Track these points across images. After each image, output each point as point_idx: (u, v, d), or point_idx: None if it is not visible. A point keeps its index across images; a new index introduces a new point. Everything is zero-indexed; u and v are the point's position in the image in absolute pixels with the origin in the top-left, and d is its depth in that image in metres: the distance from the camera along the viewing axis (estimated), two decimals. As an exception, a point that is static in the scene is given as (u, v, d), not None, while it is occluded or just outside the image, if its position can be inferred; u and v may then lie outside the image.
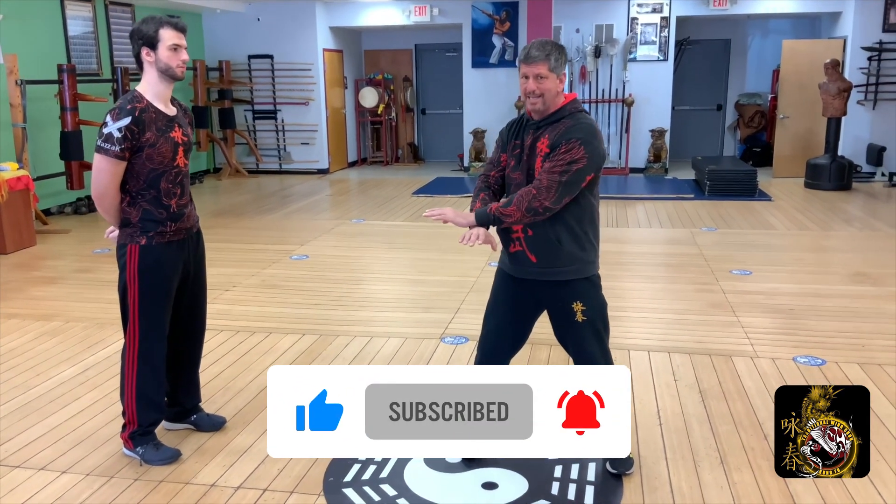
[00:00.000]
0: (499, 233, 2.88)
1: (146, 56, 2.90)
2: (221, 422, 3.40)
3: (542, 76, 2.69)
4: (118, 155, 2.84)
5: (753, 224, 7.64)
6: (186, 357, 3.30)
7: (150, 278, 2.97)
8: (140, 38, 2.89)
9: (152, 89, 2.93)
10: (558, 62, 2.70)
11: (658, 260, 6.48)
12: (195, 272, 3.18)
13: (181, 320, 3.20)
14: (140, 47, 2.90)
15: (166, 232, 2.98)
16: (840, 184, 9.51)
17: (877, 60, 10.24)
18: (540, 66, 2.68)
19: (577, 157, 2.62)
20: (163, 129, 2.91)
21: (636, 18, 11.15)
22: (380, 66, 13.14)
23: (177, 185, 2.99)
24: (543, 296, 2.85)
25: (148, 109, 2.88)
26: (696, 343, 4.35)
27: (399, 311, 5.09)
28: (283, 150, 12.05)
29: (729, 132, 12.53)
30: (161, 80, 2.93)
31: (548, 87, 2.70)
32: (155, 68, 2.90)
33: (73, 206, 8.64)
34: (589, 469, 2.99)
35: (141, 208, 2.94)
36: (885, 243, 6.73)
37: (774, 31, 12.11)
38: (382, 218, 8.29)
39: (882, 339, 4.35)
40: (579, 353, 2.88)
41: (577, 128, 2.69)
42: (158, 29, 2.87)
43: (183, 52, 2.92)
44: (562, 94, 2.77)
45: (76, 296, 5.46)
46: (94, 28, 9.17)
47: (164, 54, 2.87)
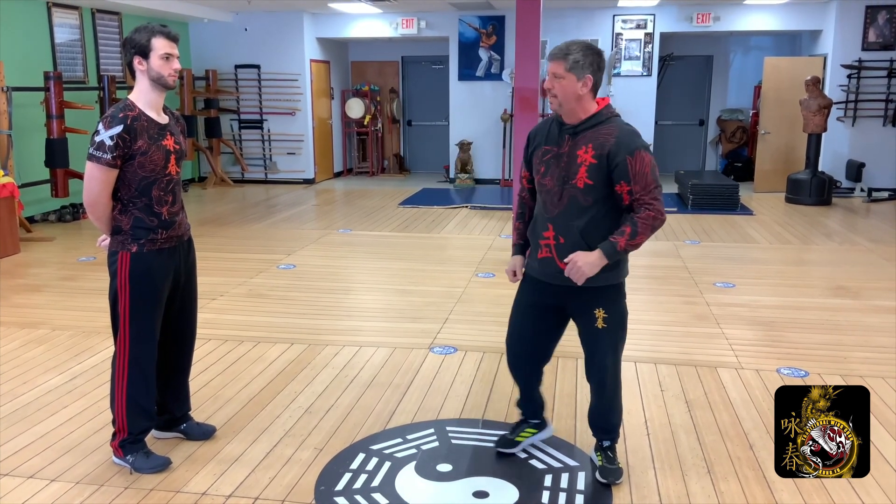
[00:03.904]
0: (529, 237, 2.92)
1: (138, 65, 2.91)
2: (211, 430, 3.40)
3: (558, 76, 2.64)
4: (109, 163, 2.84)
5: (736, 238, 7.74)
6: (176, 364, 3.29)
7: (141, 286, 2.97)
8: (132, 47, 2.90)
9: (144, 98, 2.94)
10: (578, 64, 2.61)
11: (643, 272, 6.54)
12: (186, 280, 3.18)
13: (172, 328, 3.20)
14: (132, 56, 2.90)
15: (157, 239, 2.98)
16: (820, 199, 9.66)
17: (856, 78, 10.44)
18: (557, 64, 2.64)
19: (651, 162, 2.63)
20: (155, 138, 2.91)
21: (621, 34, 11.30)
22: (366, 77, 13.19)
23: (168, 192, 3.00)
24: (568, 301, 2.87)
25: (140, 118, 2.89)
26: (681, 354, 4.41)
27: (387, 321, 5.11)
28: (269, 159, 12.05)
29: (711, 147, 12.68)
30: (153, 88, 2.94)
31: (563, 88, 2.64)
32: (147, 77, 2.91)
33: (58, 214, 8.59)
34: (579, 478, 3.02)
35: (132, 216, 2.95)
36: (864, 257, 6.85)
37: (756, 48, 12.30)
38: (369, 228, 8.31)
39: (863, 352, 4.43)
40: (592, 360, 2.93)
41: (628, 137, 2.65)
42: (151, 38, 2.88)
43: (175, 61, 2.94)
44: (589, 98, 2.68)
45: (62, 304, 5.43)
46: (80, 36, 9.14)
47: (156, 63, 2.88)
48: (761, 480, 2.99)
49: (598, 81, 2.67)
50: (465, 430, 3.44)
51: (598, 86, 2.69)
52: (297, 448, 3.28)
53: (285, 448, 3.28)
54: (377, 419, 3.57)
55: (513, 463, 3.14)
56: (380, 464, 3.14)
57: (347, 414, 3.62)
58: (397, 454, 3.22)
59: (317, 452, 3.24)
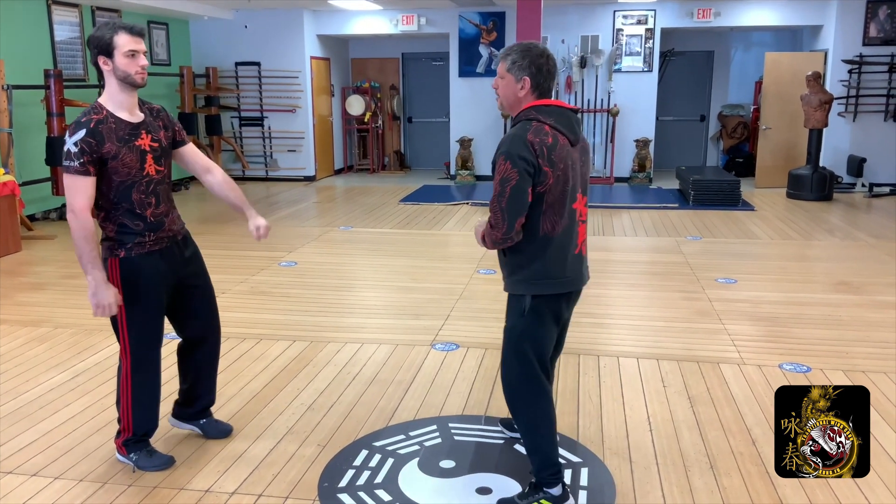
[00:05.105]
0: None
1: (104, 65, 2.77)
2: (228, 430, 3.37)
3: (500, 76, 2.67)
4: (80, 170, 2.71)
5: (737, 233, 7.74)
6: (204, 359, 3.26)
7: (133, 289, 2.90)
8: (95, 47, 2.76)
9: (113, 100, 2.81)
10: (516, 65, 2.60)
11: (644, 268, 6.54)
12: (192, 276, 3.12)
13: (191, 324, 3.18)
14: (96, 56, 2.77)
15: (145, 242, 2.90)
16: (821, 194, 9.65)
17: (857, 73, 10.42)
18: (501, 65, 2.66)
19: (503, 171, 2.52)
20: (125, 139, 2.79)
21: (621, 30, 11.28)
22: (367, 74, 13.18)
23: (150, 194, 2.89)
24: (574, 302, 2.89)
25: (106, 120, 2.77)
26: (683, 350, 4.41)
27: (389, 318, 5.11)
28: (270, 157, 12.04)
29: (712, 143, 12.68)
30: (122, 88, 2.80)
31: (504, 88, 2.65)
32: (115, 77, 2.78)
33: (59, 212, 8.59)
34: (582, 474, 3.02)
35: (117, 222, 2.86)
36: (865, 252, 6.84)
37: (757, 44, 12.28)
38: (370, 225, 8.30)
39: (865, 347, 4.43)
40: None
41: (503, 141, 2.60)
42: (113, 35, 2.74)
43: (141, 57, 2.79)
44: (530, 99, 2.63)
45: (64, 302, 5.43)
46: (80, 33, 9.13)
47: (121, 61, 2.75)
48: (764, 476, 2.99)
49: (539, 83, 2.60)
50: (467, 427, 3.44)
51: (541, 87, 2.62)
52: (300, 445, 3.28)
53: (288, 445, 3.28)
54: (380, 416, 3.57)
55: (516, 459, 3.14)
56: (383, 460, 3.14)
57: (350, 411, 3.62)
58: (400, 451, 3.22)
59: (320, 449, 3.24)
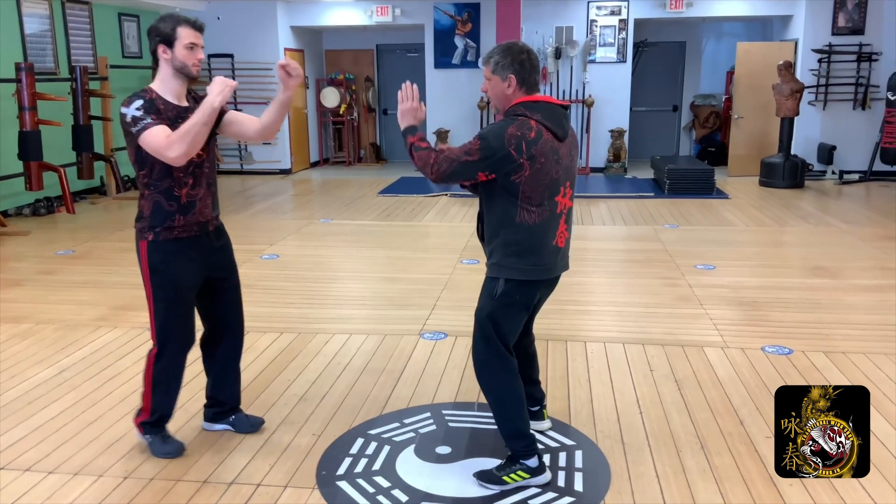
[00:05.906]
0: None
1: (163, 53, 2.87)
2: (260, 422, 3.36)
3: (487, 78, 2.80)
4: (155, 122, 2.79)
5: (713, 221, 7.86)
6: (227, 354, 3.27)
7: (160, 277, 2.95)
8: (157, 36, 2.87)
9: (164, 86, 2.91)
10: (499, 65, 2.73)
11: (625, 256, 6.62)
12: (223, 269, 3.15)
13: (218, 318, 3.19)
14: (157, 44, 2.87)
15: (174, 227, 2.94)
16: (793, 182, 9.83)
17: (827, 62, 10.61)
18: (486, 68, 2.80)
19: (471, 149, 2.67)
20: (173, 119, 2.86)
21: (595, 21, 11.36)
22: (341, 66, 13.11)
23: (189, 175, 2.94)
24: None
25: (157, 100, 2.86)
26: (668, 335, 4.48)
27: (376, 309, 5.12)
28: (245, 149, 11.94)
29: (684, 132, 12.82)
30: (175, 77, 2.90)
31: (493, 89, 2.79)
32: (171, 66, 2.88)
33: (32, 208, 8.44)
34: (576, 456, 3.07)
35: (153, 200, 2.92)
36: (838, 238, 6.99)
37: (728, 34, 12.44)
38: (350, 217, 8.29)
39: (844, 329, 4.54)
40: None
41: (485, 127, 2.76)
42: (176, 27, 2.85)
43: (199, 50, 2.91)
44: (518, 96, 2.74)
45: (44, 298, 5.34)
46: (51, 26, 8.97)
47: (180, 52, 2.86)
48: (753, 455, 3.06)
49: (524, 78, 2.73)
50: (461, 413, 3.48)
51: (527, 82, 2.74)
52: (295, 435, 3.29)
53: (283, 435, 3.29)
54: (373, 404, 3.58)
55: (511, 444, 3.17)
56: (379, 448, 3.16)
57: (343, 400, 3.63)
58: (396, 438, 3.24)
59: (315, 438, 3.25)
